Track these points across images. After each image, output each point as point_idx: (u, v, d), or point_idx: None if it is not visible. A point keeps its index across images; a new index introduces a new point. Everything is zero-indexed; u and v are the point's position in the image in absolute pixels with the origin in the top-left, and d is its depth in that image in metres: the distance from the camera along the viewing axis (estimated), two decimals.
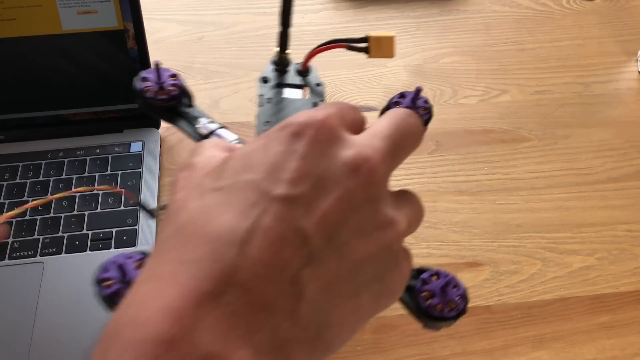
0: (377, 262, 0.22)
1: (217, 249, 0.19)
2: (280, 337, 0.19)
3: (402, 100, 0.36)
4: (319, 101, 0.38)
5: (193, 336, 0.17)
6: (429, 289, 0.31)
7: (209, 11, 0.67)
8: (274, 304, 0.19)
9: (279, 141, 0.21)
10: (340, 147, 0.22)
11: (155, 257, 0.20)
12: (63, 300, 0.42)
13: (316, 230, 0.20)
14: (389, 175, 0.23)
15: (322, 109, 0.23)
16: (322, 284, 0.20)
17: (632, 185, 0.52)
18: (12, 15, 0.45)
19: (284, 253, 0.19)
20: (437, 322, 0.31)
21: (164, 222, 0.22)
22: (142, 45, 0.48)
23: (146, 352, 0.17)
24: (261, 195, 0.20)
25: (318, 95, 0.39)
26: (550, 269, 0.46)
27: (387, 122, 0.24)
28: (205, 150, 0.24)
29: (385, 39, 0.36)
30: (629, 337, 0.43)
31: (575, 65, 0.62)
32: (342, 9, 0.67)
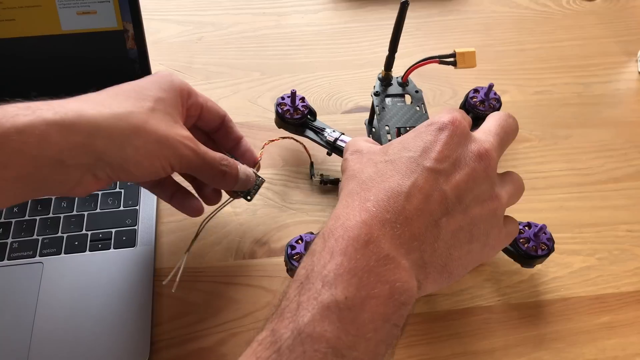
0: (486, 222, 0.32)
1: (391, 195, 0.30)
2: (424, 259, 0.29)
3: (477, 94, 0.51)
4: (420, 104, 0.47)
5: (379, 242, 0.28)
6: (525, 237, 0.42)
7: (208, 12, 0.67)
8: (423, 236, 0.29)
9: (428, 132, 0.32)
10: (468, 140, 0.33)
11: (345, 198, 0.31)
12: (62, 301, 0.42)
13: (451, 192, 0.31)
14: (498, 161, 0.34)
15: (454, 113, 0.33)
16: (452, 229, 0.31)
17: (633, 186, 0.51)
18: (11, 15, 0.45)
19: (431, 204, 0.30)
20: (533, 260, 0.42)
21: (345, 182, 0.33)
22: (141, 45, 0.48)
23: (352, 243, 0.27)
24: (417, 165, 0.31)
25: (418, 100, 0.48)
26: (551, 269, 0.46)
27: (494, 122, 0.35)
28: (362, 142, 0.37)
29: (468, 53, 0.46)
30: (630, 337, 0.42)
31: (575, 65, 0.62)
32: (342, 9, 0.67)
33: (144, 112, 0.34)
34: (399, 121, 0.46)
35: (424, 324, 0.43)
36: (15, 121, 0.29)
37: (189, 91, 0.39)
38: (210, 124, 0.42)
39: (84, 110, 0.31)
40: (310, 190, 0.50)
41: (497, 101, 0.51)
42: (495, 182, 0.33)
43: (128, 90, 0.35)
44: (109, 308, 0.42)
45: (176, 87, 0.37)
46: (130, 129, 0.33)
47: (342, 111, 0.57)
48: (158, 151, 0.34)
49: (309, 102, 0.50)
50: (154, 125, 0.34)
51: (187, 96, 0.38)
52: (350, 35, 0.65)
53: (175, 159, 0.35)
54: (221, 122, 0.42)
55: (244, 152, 0.44)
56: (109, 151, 0.32)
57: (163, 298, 0.43)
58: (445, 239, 0.30)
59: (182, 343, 0.41)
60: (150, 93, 0.35)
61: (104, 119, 0.32)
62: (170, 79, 0.38)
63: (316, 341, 0.25)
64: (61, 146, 0.30)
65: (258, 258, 0.46)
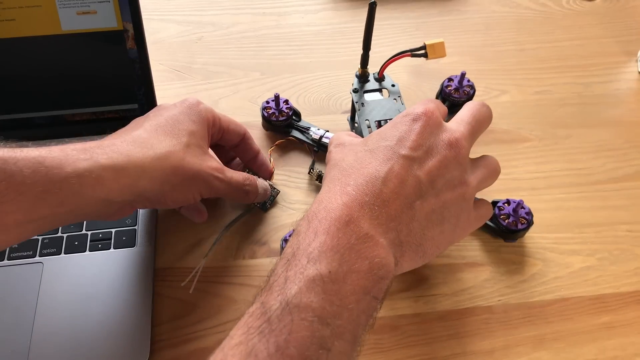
0: (456, 205, 0.35)
1: (369, 180, 0.33)
2: (400, 238, 0.32)
3: (452, 83, 0.54)
4: (397, 97, 0.50)
5: (359, 222, 0.31)
6: (504, 213, 0.46)
7: (208, 11, 0.67)
8: (399, 217, 0.32)
9: (403, 123, 0.36)
10: (440, 130, 0.36)
11: (328, 184, 0.34)
12: (62, 301, 0.42)
13: (425, 177, 0.34)
14: (469, 149, 0.37)
15: (428, 104, 0.36)
16: (425, 212, 0.33)
17: (633, 186, 0.51)
18: (11, 15, 0.45)
19: (406, 188, 0.33)
20: (514, 234, 0.46)
21: (328, 170, 0.36)
22: (141, 45, 0.48)
23: (334, 223, 0.30)
24: (393, 153, 0.34)
25: (395, 93, 0.50)
26: (551, 269, 0.46)
27: (468, 111, 0.39)
28: (345, 135, 0.40)
29: (437, 44, 0.48)
30: (630, 337, 0.42)
31: (575, 65, 0.62)
32: (341, 9, 0.67)
33: (181, 149, 0.38)
34: (377, 114, 0.48)
35: (424, 324, 0.43)
36: (76, 166, 0.33)
37: (214, 119, 0.42)
38: (231, 143, 0.46)
39: (131, 153, 0.35)
40: (310, 190, 0.50)
41: (470, 88, 0.54)
42: (467, 169, 0.36)
43: (165, 125, 0.39)
44: (109, 308, 0.42)
45: (204, 117, 0.41)
46: (170, 168, 0.37)
47: (342, 111, 0.57)
48: (192, 186, 0.39)
49: (295, 102, 0.54)
50: (190, 163, 0.38)
51: (212, 124, 0.42)
52: (350, 35, 0.65)
53: (205, 190, 0.40)
54: (241, 139, 0.46)
55: (260, 166, 0.48)
56: (150, 189, 0.36)
57: (163, 298, 0.43)
58: (419, 220, 0.33)
59: (182, 343, 0.41)
60: (184, 127, 0.39)
61: (149, 161, 0.36)
62: (198, 109, 0.41)
63: (303, 310, 0.27)
64: (112, 187, 0.34)
65: (258, 258, 0.46)
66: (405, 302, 0.44)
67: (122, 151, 0.35)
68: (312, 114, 0.56)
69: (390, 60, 0.49)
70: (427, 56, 0.48)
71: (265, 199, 0.47)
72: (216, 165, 0.40)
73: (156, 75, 0.51)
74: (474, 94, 0.54)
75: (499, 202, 0.46)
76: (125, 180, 0.35)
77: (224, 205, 0.49)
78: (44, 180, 0.31)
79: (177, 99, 0.43)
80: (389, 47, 0.62)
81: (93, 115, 0.51)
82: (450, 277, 0.45)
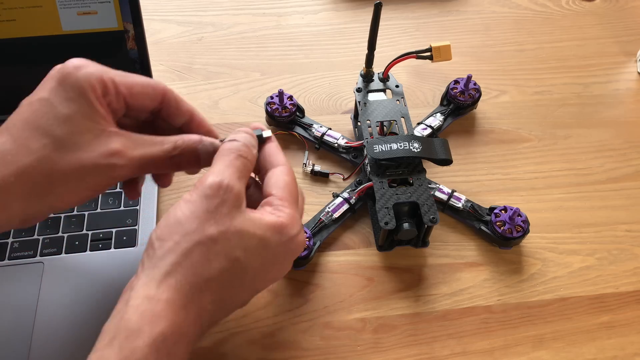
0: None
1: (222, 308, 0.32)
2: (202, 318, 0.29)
3: (458, 85, 0.54)
4: (400, 98, 0.49)
5: None
6: (501, 220, 0.45)
7: (208, 12, 0.67)
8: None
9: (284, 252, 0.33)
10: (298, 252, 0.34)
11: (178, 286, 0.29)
12: (63, 300, 0.42)
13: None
14: None
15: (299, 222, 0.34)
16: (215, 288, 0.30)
17: (632, 186, 0.52)
18: (12, 16, 0.45)
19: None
20: (510, 241, 0.45)
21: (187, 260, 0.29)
22: (142, 46, 0.48)
23: None
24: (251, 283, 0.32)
25: (398, 94, 0.50)
26: (550, 269, 0.46)
27: None
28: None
29: (443, 47, 0.48)
30: (629, 337, 0.42)
31: (574, 65, 0.62)
32: (341, 10, 0.67)
33: (54, 149, 0.30)
34: (379, 115, 0.48)
35: (423, 323, 0.43)
36: None
37: (103, 86, 0.32)
38: (146, 110, 0.35)
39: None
40: (311, 190, 0.50)
41: (476, 91, 0.54)
42: None
43: (33, 118, 0.31)
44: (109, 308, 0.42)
45: (86, 90, 0.31)
46: (44, 179, 0.30)
47: (342, 111, 0.57)
48: (81, 186, 0.31)
49: (297, 100, 0.53)
50: (69, 163, 0.30)
51: (101, 93, 0.32)
52: (350, 36, 0.65)
53: (105, 182, 0.32)
54: (160, 101, 0.35)
55: (198, 129, 0.37)
56: (31, 209, 0.31)
57: None
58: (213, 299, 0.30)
59: None
60: (56, 112, 0.31)
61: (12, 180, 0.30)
62: (74, 80, 0.31)
63: None
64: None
65: None
66: (404, 302, 0.44)
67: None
68: (312, 114, 0.56)
69: (396, 61, 0.49)
70: (433, 59, 0.48)
71: None
72: (113, 148, 0.31)
73: (156, 75, 0.51)
74: (479, 97, 0.54)
75: (496, 209, 0.46)
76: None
77: None
78: None
79: None
80: (389, 48, 0.62)
81: None
82: (449, 276, 0.45)
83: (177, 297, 0.28)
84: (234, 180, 0.31)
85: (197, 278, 0.28)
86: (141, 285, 0.28)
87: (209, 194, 0.30)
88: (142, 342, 0.26)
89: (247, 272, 0.30)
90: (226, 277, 0.29)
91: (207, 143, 0.34)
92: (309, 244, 0.44)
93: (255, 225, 0.30)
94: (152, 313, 0.27)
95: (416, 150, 0.44)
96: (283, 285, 0.45)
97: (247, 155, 0.33)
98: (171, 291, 0.28)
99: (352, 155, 0.51)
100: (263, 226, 0.31)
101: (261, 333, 0.42)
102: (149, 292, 0.28)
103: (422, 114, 0.55)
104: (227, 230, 0.29)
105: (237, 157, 0.32)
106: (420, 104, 0.57)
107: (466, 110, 0.55)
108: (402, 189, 0.43)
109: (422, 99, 0.58)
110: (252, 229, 0.30)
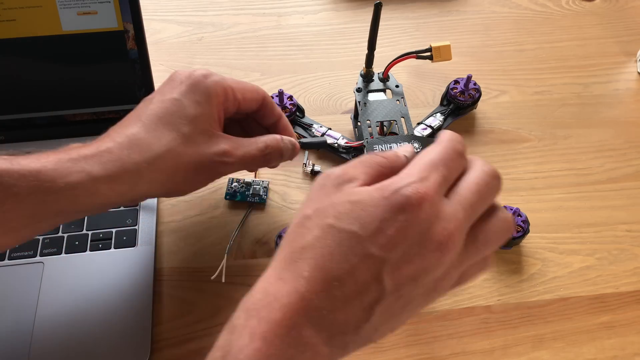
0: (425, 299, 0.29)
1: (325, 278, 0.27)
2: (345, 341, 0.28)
3: (458, 85, 0.54)
4: (400, 98, 0.49)
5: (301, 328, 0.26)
6: None
7: (208, 12, 0.67)
8: (348, 323, 0.27)
9: (387, 209, 0.27)
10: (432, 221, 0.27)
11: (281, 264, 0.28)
12: (63, 301, 0.42)
13: (391, 285, 0.27)
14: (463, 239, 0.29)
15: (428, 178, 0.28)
16: (382, 315, 0.28)
17: (632, 186, 0.52)
18: (12, 16, 0.45)
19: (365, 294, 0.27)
20: (509, 241, 0.44)
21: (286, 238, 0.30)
22: (142, 46, 0.48)
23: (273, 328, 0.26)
24: (361, 248, 0.27)
25: (398, 94, 0.50)
26: (551, 269, 0.46)
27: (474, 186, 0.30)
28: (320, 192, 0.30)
29: (443, 47, 0.48)
30: (629, 336, 0.42)
31: (574, 65, 0.62)
32: (341, 10, 0.67)
33: (181, 143, 0.36)
34: (379, 115, 0.48)
35: (423, 323, 0.43)
36: (68, 180, 0.33)
37: (225, 94, 0.38)
38: (248, 111, 0.42)
39: (126, 160, 0.34)
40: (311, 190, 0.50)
41: (476, 91, 0.54)
42: (454, 264, 0.29)
43: (165, 114, 0.36)
44: (109, 308, 0.42)
45: (212, 95, 0.37)
46: (169, 169, 0.36)
47: (342, 111, 0.57)
48: (197, 177, 0.38)
49: (297, 100, 0.54)
50: (191, 157, 0.36)
51: (224, 99, 0.38)
52: (350, 36, 0.65)
53: (215, 175, 0.39)
54: (260, 105, 0.42)
55: (282, 131, 0.43)
56: (150, 191, 0.36)
57: (163, 298, 0.44)
58: (373, 322, 0.28)
59: (182, 343, 0.41)
60: (186, 113, 0.37)
61: (145, 167, 0.35)
62: (205, 86, 0.37)
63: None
64: (108, 195, 0.34)
65: (258, 258, 0.46)
66: None
67: (116, 158, 0.34)
68: (312, 114, 0.56)
69: (396, 61, 0.49)
70: (433, 59, 0.49)
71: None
72: (224, 149, 0.37)
73: (156, 75, 0.51)
74: (479, 97, 0.54)
75: None
76: (121, 188, 0.34)
77: (223, 206, 0.49)
78: (39, 192, 0.32)
79: None
80: (389, 48, 0.62)
81: (93, 116, 0.51)
82: None
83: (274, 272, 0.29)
84: (343, 167, 0.31)
85: (291, 249, 0.29)
86: None
87: (318, 183, 0.31)
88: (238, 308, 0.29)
89: (342, 234, 0.27)
90: (321, 243, 0.28)
91: (287, 141, 0.41)
92: None
93: (353, 193, 0.29)
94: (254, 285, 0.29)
95: (416, 150, 0.44)
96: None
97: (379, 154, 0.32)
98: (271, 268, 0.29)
99: (352, 155, 0.51)
100: (362, 192, 0.28)
101: None
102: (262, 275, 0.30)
103: (422, 114, 0.55)
104: (320, 206, 0.29)
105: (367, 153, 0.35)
106: (420, 104, 0.57)
107: (466, 110, 0.55)
108: None
109: (422, 99, 0.58)
110: (345, 198, 0.29)
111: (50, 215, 0.34)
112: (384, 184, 0.28)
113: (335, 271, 0.27)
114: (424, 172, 0.28)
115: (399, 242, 0.27)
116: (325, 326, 0.27)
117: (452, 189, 0.30)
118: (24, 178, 0.32)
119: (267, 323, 0.26)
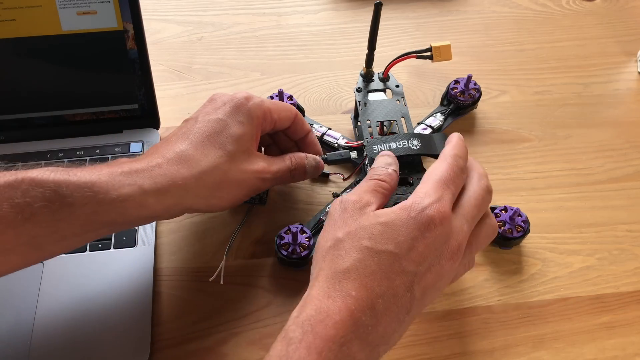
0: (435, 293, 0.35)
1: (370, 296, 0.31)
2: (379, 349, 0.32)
3: (458, 85, 0.54)
4: (400, 98, 0.49)
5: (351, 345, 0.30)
6: (501, 220, 0.45)
7: (208, 12, 0.67)
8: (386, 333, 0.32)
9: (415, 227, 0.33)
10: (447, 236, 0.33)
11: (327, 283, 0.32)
12: (62, 301, 0.42)
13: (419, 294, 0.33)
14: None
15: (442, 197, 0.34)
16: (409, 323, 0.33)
17: (632, 186, 0.51)
18: (11, 15, 0.45)
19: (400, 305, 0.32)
20: (510, 241, 0.45)
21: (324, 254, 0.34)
22: (141, 46, 0.48)
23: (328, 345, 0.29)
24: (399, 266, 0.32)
25: (398, 94, 0.50)
26: (551, 269, 0.46)
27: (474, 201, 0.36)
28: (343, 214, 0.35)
29: (444, 47, 0.48)
30: (630, 337, 0.42)
31: (574, 65, 0.62)
32: (341, 10, 0.67)
33: (226, 161, 0.38)
34: (379, 115, 0.48)
35: (423, 323, 0.43)
36: (120, 192, 0.34)
37: (264, 115, 0.41)
38: (281, 129, 0.45)
39: (176, 175, 0.36)
40: (310, 190, 0.50)
41: (476, 91, 0.54)
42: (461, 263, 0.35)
43: (211, 133, 0.39)
44: (109, 308, 0.42)
45: (253, 117, 0.40)
46: (214, 184, 0.38)
47: (342, 111, 0.57)
48: (238, 192, 0.40)
49: (297, 100, 0.54)
50: (235, 174, 0.39)
51: (263, 121, 0.41)
52: (350, 36, 0.65)
53: (253, 191, 0.41)
54: (291, 122, 0.45)
55: (308, 146, 0.46)
56: (195, 205, 0.38)
57: (163, 298, 0.43)
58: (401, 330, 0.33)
59: (182, 343, 0.41)
60: (231, 132, 0.39)
61: (193, 182, 0.37)
62: (247, 109, 0.40)
63: None
64: (156, 209, 0.36)
65: (258, 258, 0.46)
66: None
67: (166, 173, 0.36)
68: (312, 114, 0.56)
69: (396, 60, 0.49)
70: (433, 58, 0.49)
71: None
72: (262, 166, 0.40)
73: (156, 75, 0.51)
74: (479, 97, 0.54)
75: (496, 209, 0.46)
76: (168, 202, 0.36)
77: None
78: (93, 203, 0.34)
79: (177, 99, 0.43)
80: (389, 47, 0.62)
81: (93, 116, 0.51)
82: None
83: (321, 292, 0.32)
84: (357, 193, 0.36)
85: (333, 270, 0.32)
86: None
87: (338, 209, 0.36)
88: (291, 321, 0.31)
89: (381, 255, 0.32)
90: (362, 264, 0.32)
91: (311, 159, 0.44)
92: (309, 244, 0.44)
93: (379, 215, 0.34)
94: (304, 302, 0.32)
95: (415, 147, 0.44)
96: (283, 286, 0.45)
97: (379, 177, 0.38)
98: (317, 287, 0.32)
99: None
100: (389, 213, 0.34)
101: (261, 333, 0.42)
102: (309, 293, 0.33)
103: (422, 114, 0.55)
104: (350, 229, 0.34)
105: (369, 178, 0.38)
106: (420, 104, 0.57)
107: (466, 110, 0.55)
108: (402, 189, 0.43)
109: (422, 99, 0.58)
110: (374, 220, 0.34)
111: (99, 226, 0.35)
112: (406, 205, 0.34)
113: (377, 288, 0.31)
114: (438, 192, 0.34)
115: (426, 255, 0.32)
116: (369, 341, 0.31)
117: (456, 202, 0.35)
118: (79, 189, 0.34)
119: (322, 339, 0.29)
